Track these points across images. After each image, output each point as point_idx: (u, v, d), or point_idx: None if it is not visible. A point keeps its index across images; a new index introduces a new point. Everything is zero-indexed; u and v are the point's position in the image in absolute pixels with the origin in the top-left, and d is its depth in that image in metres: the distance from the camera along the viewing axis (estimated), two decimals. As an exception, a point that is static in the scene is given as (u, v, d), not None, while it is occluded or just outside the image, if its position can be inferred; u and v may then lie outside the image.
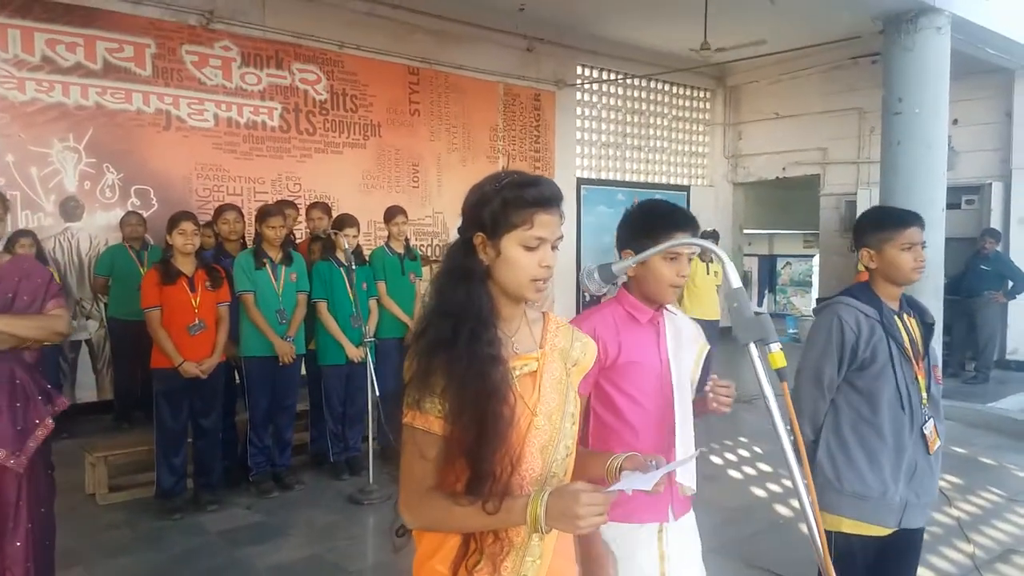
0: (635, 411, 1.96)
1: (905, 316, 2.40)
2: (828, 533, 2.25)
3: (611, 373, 1.97)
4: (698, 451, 1.71)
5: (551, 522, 1.29)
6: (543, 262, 1.42)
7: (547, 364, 1.50)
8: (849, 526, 2.31)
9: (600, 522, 1.27)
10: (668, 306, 2.06)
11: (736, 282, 1.14)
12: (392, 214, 5.69)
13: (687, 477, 1.97)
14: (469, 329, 1.37)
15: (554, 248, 1.45)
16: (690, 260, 7.57)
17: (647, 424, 1.96)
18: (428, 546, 1.47)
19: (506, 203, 1.40)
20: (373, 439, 4.96)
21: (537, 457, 1.43)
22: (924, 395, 2.34)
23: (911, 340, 2.36)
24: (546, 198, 1.42)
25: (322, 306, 5.16)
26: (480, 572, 1.41)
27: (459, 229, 1.50)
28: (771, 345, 1.10)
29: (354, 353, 5.13)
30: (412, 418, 1.39)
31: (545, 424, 1.45)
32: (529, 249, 1.41)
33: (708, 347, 2.08)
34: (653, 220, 2.01)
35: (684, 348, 2.02)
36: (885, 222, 2.40)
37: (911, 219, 2.35)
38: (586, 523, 1.26)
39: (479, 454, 1.35)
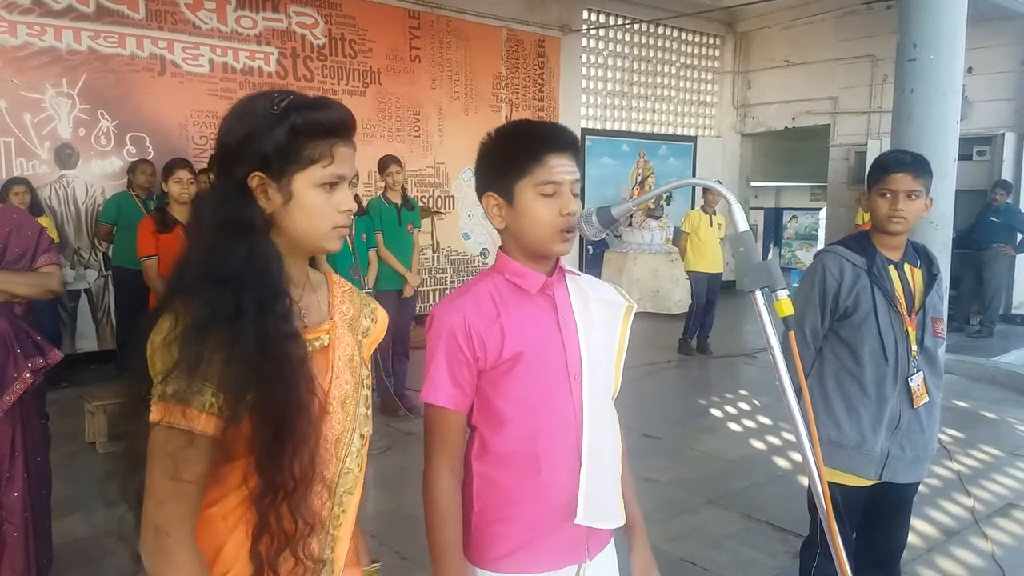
0: (528, 423, 1.42)
1: (907, 266, 2.32)
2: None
3: (494, 374, 1.41)
4: None
5: None
6: (343, 205, 1.15)
7: (339, 338, 1.23)
8: (827, 474, 2.28)
9: None
10: (566, 266, 1.53)
11: (743, 225, 1.06)
12: (385, 164, 5.52)
13: (605, 514, 1.48)
14: (256, 300, 1.06)
15: (352, 186, 1.19)
16: (711, 212, 7.10)
17: (549, 439, 1.42)
18: None
19: (296, 132, 1.10)
20: (372, 390, 4.94)
21: (331, 452, 1.17)
22: (915, 347, 2.27)
23: (906, 291, 2.29)
24: (345, 124, 1.15)
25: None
26: None
27: (219, 169, 1.15)
28: (778, 292, 1.03)
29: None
30: (168, 415, 1.02)
31: (339, 411, 1.19)
32: (327, 191, 1.14)
33: (634, 307, 1.56)
34: (513, 145, 1.42)
35: (596, 323, 1.48)
36: (875, 165, 2.32)
37: (894, 165, 2.24)
38: None
39: (277, 462, 1.05)
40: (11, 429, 2.60)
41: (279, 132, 1.09)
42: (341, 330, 1.24)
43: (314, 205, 1.13)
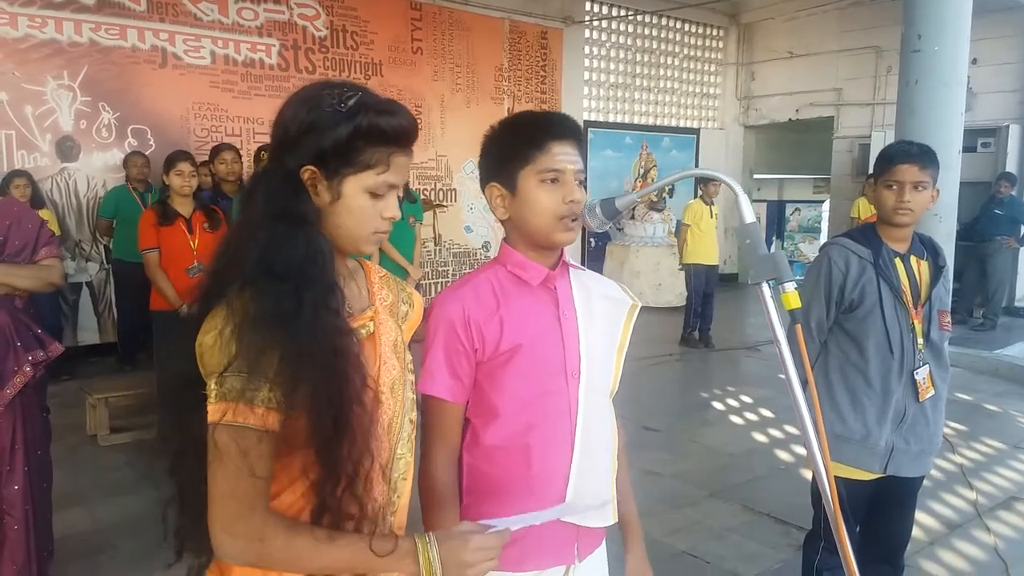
0: (522, 418, 1.39)
1: (914, 258, 2.30)
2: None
3: (492, 367, 1.39)
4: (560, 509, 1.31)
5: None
6: (386, 212, 1.13)
7: (382, 324, 1.23)
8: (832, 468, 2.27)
9: (491, 567, 1.10)
10: (570, 260, 1.50)
11: (750, 216, 1.04)
12: (387, 156, 5.52)
13: (598, 514, 1.46)
14: (314, 296, 1.05)
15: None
16: (710, 203, 7.10)
17: (542, 435, 1.40)
18: None
19: (358, 134, 1.07)
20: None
21: (383, 438, 1.17)
22: (920, 341, 2.26)
23: (912, 284, 2.27)
24: (408, 134, 1.12)
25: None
26: None
27: (273, 156, 1.13)
28: (785, 284, 1.01)
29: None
30: (235, 414, 1.01)
31: (388, 397, 1.19)
32: (375, 196, 1.12)
33: (638, 305, 1.53)
34: (515, 134, 1.41)
35: (598, 319, 1.46)
36: (881, 156, 2.30)
37: (901, 156, 2.22)
38: (475, 571, 1.09)
39: (335, 454, 1.05)
40: (12, 422, 2.60)
41: (341, 131, 1.06)
42: (383, 316, 1.24)
43: (361, 209, 1.11)
